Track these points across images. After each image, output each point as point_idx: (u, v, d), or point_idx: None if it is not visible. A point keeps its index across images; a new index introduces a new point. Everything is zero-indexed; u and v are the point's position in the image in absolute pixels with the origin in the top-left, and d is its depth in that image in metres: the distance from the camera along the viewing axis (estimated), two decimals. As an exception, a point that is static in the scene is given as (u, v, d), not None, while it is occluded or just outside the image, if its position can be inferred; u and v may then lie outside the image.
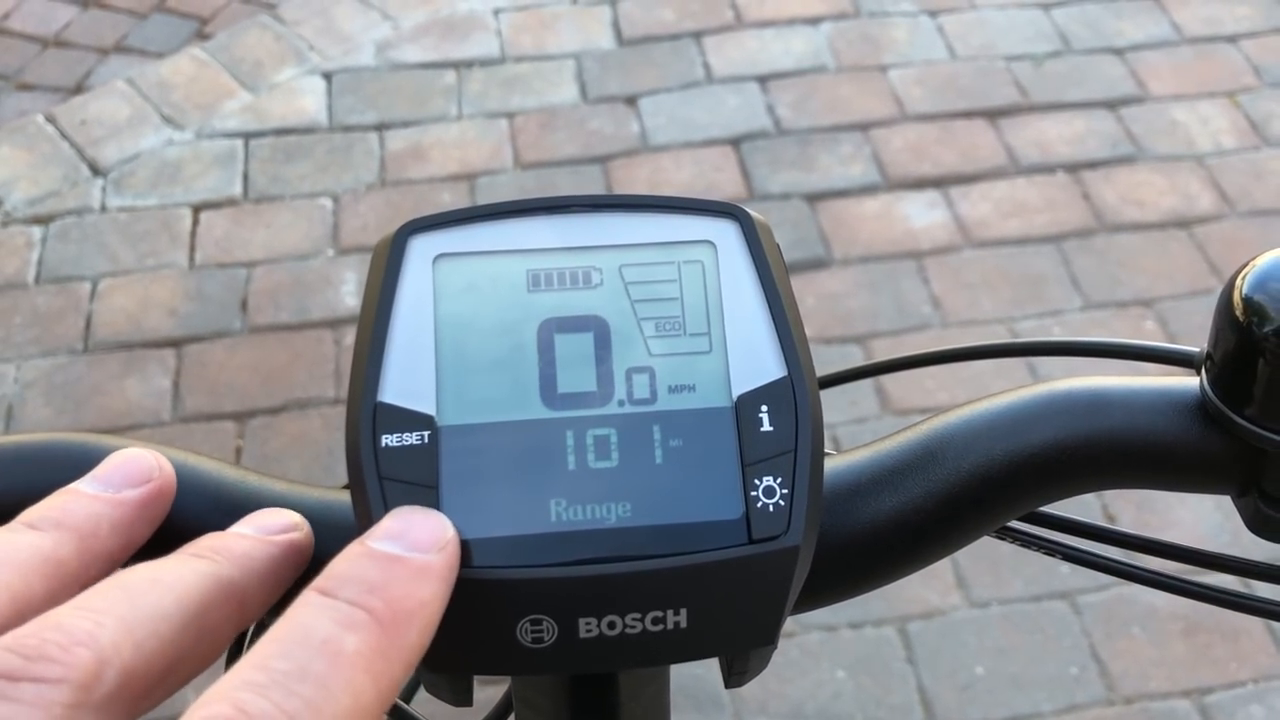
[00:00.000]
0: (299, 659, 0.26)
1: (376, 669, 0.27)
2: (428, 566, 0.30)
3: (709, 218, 0.37)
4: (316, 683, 0.26)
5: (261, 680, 0.26)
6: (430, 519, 0.31)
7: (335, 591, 0.28)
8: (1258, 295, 0.39)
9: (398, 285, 0.36)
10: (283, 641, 0.27)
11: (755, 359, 0.35)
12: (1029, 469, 0.40)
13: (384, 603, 0.28)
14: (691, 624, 0.34)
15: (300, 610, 0.28)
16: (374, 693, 0.27)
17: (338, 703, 0.26)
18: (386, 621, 0.28)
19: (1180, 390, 0.41)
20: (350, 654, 0.27)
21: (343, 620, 0.27)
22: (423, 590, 0.29)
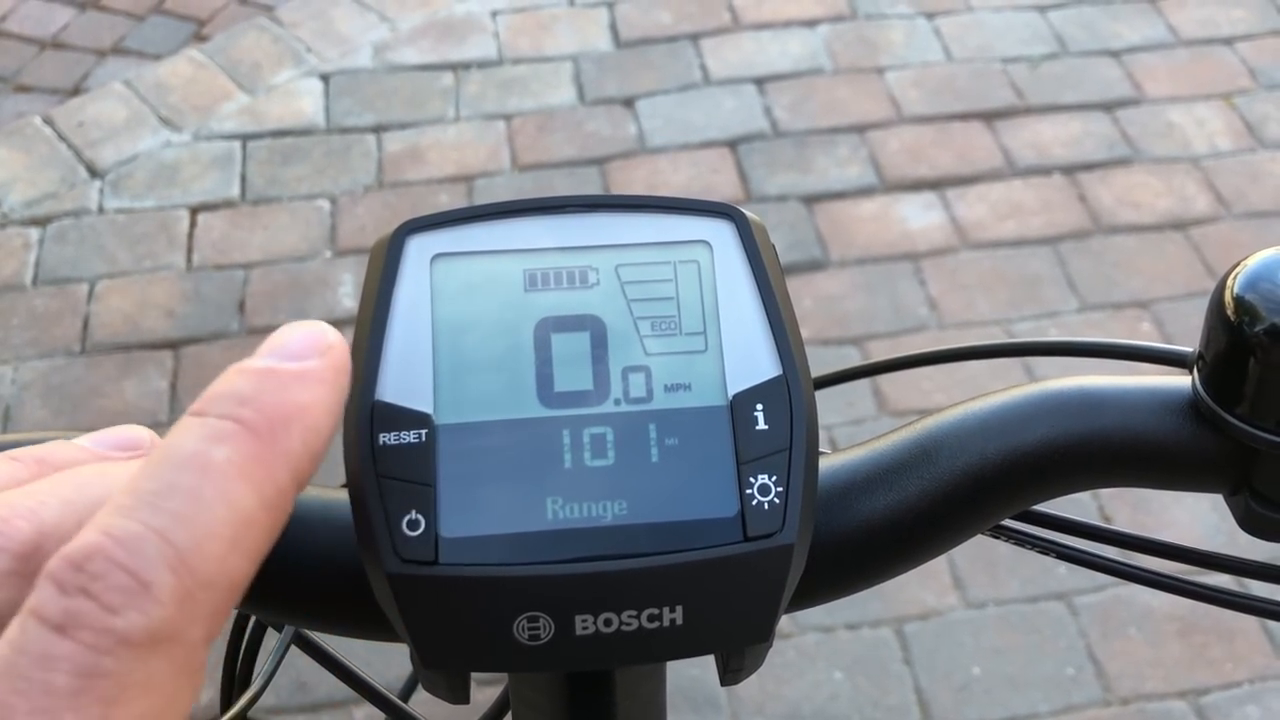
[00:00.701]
0: (164, 478, 0.25)
1: (255, 477, 0.26)
2: (304, 372, 0.29)
3: (705, 218, 0.37)
4: (185, 495, 0.25)
5: (128, 503, 0.25)
6: (308, 328, 0.30)
7: (205, 410, 0.27)
8: (1249, 295, 0.39)
9: (395, 285, 0.36)
10: (150, 464, 0.26)
11: (750, 358, 0.35)
12: (1022, 468, 0.40)
13: (255, 411, 0.27)
14: (687, 621, 0.34)
15: (171, 434, 0.27)
16: (255, 500, 0.26)
17: (211, 512, 0.25)
18: (261, 429, 0.27)
19: (1172, 389, 0.41)
20: (220, 463, 0.26)
21: (210, 434, 0.27)
22: (300, 395, 0.28)
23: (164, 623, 0.23)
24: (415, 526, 0.33)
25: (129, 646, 0.23)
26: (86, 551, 0.24)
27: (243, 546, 0.25)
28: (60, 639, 0.23)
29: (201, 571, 0.24)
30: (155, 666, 0.23)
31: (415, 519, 0.33)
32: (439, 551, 0.33)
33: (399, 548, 0.33)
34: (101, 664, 0.22)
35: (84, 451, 0.32)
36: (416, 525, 0.33)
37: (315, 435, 0.28)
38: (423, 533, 0.33)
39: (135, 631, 0.23)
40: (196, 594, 0.24)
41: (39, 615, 0.23)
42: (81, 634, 0.23)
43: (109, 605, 0.23)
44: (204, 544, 0.24)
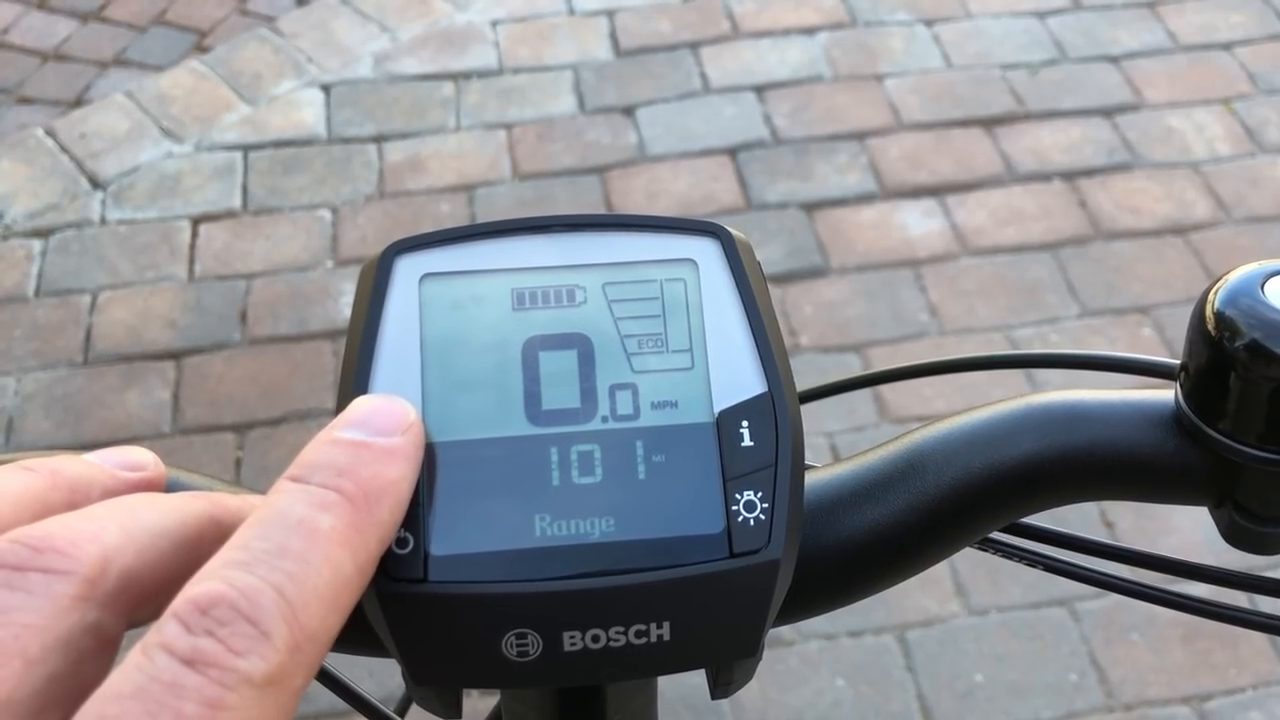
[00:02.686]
0: (278, 538, 0.28)
1: (353, 544, 0.29)
2: (393, 449, 0.32)
3: (691, 236, 0.38)
4: (296, 558, 0.28)
5: (245, 558, 0.27)
6: (391, 404, 0.33)
7: (306, 477, 0.30)
8: (1229, 310, 0.39)
9: (384, 304, 0.36)
10: (262, 524, 0.29)
11: (736, 375, 0.36)
12: (1007, 482, 0.40)
13: (354, 484, 0.30)
14: (674, 637, 0.34)
15: (275, 497, 0.30)
16: (352, 566, 0.29)
17: (318, 575, 0.28)
18: (358, 501, 0.30)
19: (1156, 403, 0.41)
20: (326, 531, 0.29)
21: (316, 501, 0.29)
22: (390, 470, 0.31)
23: (279, 668, 0.26)
24: (404, 544, 0.34)
25: (250, 686, 0.26)
26: (212, 598, 0.26)
27: (339, 606, 0.28)
28: (190, 672, 0.25)
29: (309, 626, 0.27)
30: (267, 706, 0.26)
31: (404, 537, 0.34)
32: (428, 569, 0.33)
33: (388, 566, 0.33)
34: (226, 698, 0.25)
35: (94, 468, 0.34)
36: (405, 543, 0.34)
37: (400, 507, 0.31)
38: (412, 550, 0.34)
39: (256, 674, 0.26)
40: (304, 645, 0.27)
41: (169, 649, 0.25)
42: (209, 670, 0.25)
43: (234, 649, 0.26)
44: (312, 602, 0.27)
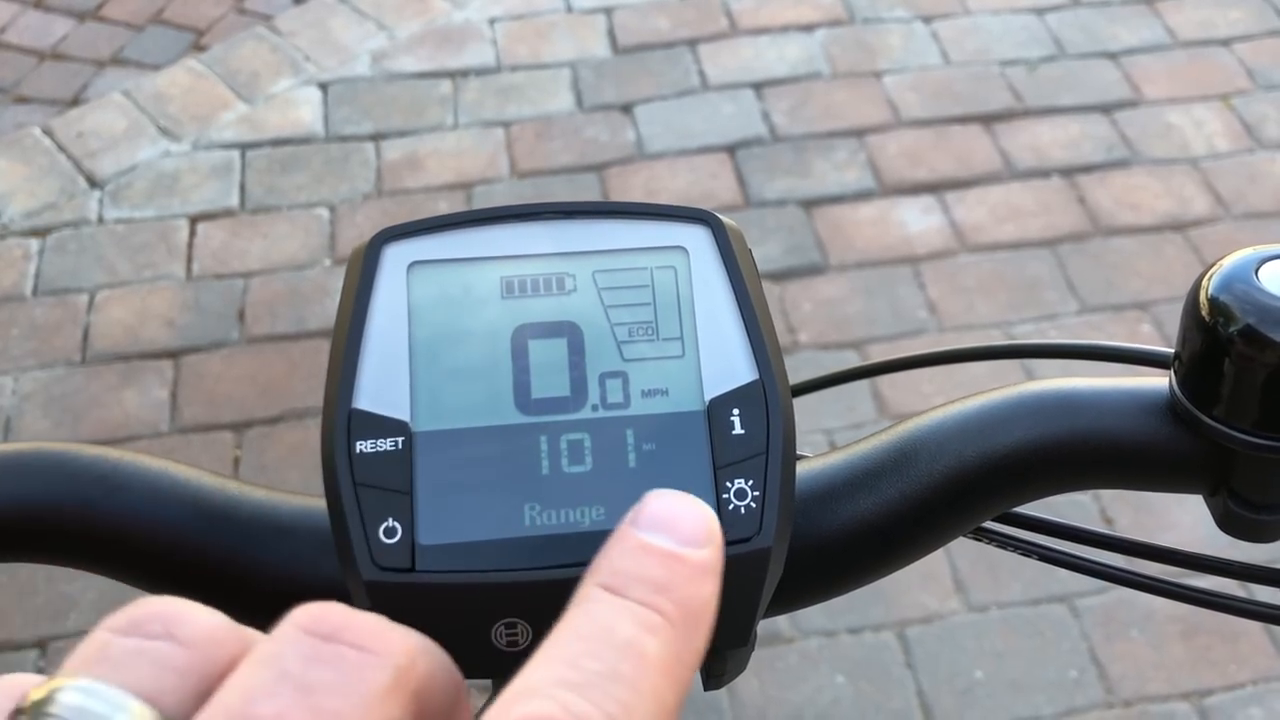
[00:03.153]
0: (608, 660, 0.26)
1: (675, 674, 0.27)
2: (705, 565, 0.29)
3: (681, 223, 0.37)
4: (628, 685, 0.26)
5: (576, 679, 0.26)
6: (695, 509, 0.30)
7: (624, 590, 0.28)
8: (1223, 296, 0.39)
9: (372, 293, 0.36)
10: (588, 641, 0.27)
11: (727, 363, 0.36)
12: (1001, 471, 0.40)
13: (673, 604, 0.28)
14: None
15: (595, 607, 0.28)
16: (674, 696, 0.27)
17: (646, 705, 0.26)
18: (678, 624, 0.28)
19: (1149, 391, 0.41)
20: (652, 657, 0.27)
21: (641, 622, 0.27)
22: (705, 589, 0.29)
23: None
24: (392, 534, 0.33)
25: None
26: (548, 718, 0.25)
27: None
28: None
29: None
30: None
31: (392, 526, 0.33)
32: (416, 558, 0.33)
33: (376, 555, 0.33)
34: None
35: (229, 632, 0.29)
36: (394, 532, 0.33)
37: (710, 629, 0.29)
38: (400, 540, 0.33)
39: None
40: None
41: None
42: None
43: None
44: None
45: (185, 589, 0.40)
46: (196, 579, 0.39)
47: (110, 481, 0.39)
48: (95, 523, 0.39)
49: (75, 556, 0.40)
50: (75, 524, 0.39)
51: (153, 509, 0.39)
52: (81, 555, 0.40)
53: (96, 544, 0.39)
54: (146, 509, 0.39)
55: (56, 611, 1.71)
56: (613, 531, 0.30)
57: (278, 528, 0.39)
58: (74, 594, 1.72)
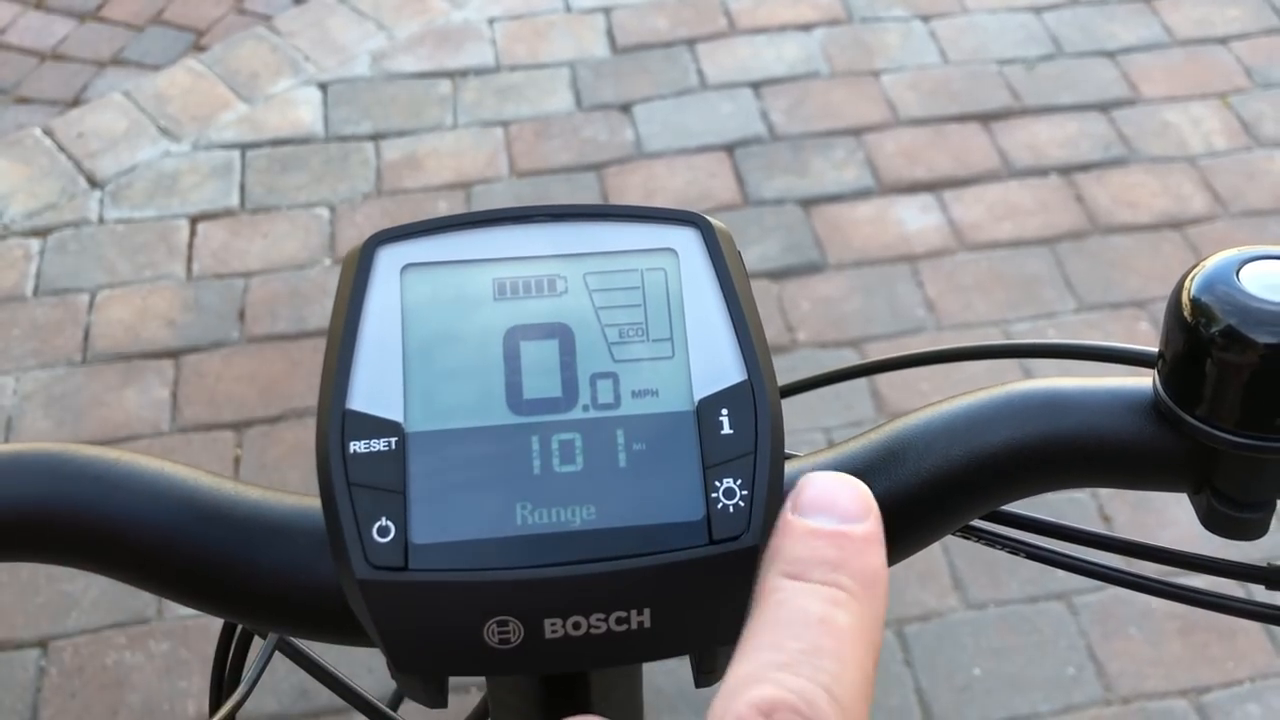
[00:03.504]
0: (808, 639, 0.29)
1: (868, 638, 0.29)
2: (870, 535, 0.32)
3: (671, 226, 0.38)
4: (831, 656, 0.28)
5: (785, 660, 0.28)
6: (849, 487, 0.33)
7: (805, 574, 0.30)
8: (1205, 297, 0.39)
9: (366, 295, 0.37)
10: (786, 625, 0.29)
11: (716, 363, 0.36)
12: (987, 470, 0.41)
13: (851, 577, 0.30)
14: (655, 624, 0.35)
15: (782, 595, 0.30)
16: (871, 661, 0.29)
17: (851, 671, 0.28)
18: (860, 594, 0.30)
19: (1134, 390, 0.41)
20: (845, 628, 0.29)
21: (828, 599, 0.30)
22: (875, 558, 0.31)
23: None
24: (386, 533, 0.34)
25: None
26: (772, 703, 0.27)
27: (869, 699, 0.29)
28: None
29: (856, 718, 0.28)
30: None
31: (386, 525, 0.34)
32: (409, 557, 0.34)
33: (369, 554, 0.34)
34: None
35: None
36: (387, 531, 0.34)
37: (887, 592, 0.31)
38: (393, 539, 0.34)
39: None
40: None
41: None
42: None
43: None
44: (856, 700, 0.28)
45: (181, 589, 0.40)
46: (192, 578, 0.40)
47: (106, 481, 0.40)
48: (91, 522, 0.40)
49: (71, 556, 0.41)
50: (71, 524, 0.40)
51: (149, 509, 0.40)
52: (78, 555, 0.40)
53: (93, 544, 0.40)
54: (142, 509, 0.40)
55: (58, 610, 1.71)
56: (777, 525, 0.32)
57: (274, 527, 0.39)
58: (75, 593, 1.72)
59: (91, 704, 1.63)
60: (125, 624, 1.69)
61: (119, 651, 1.67)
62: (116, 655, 1.67)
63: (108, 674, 1.65)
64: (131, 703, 1.63)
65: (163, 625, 1.69)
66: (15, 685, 1.64)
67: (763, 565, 0.32)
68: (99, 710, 1.62)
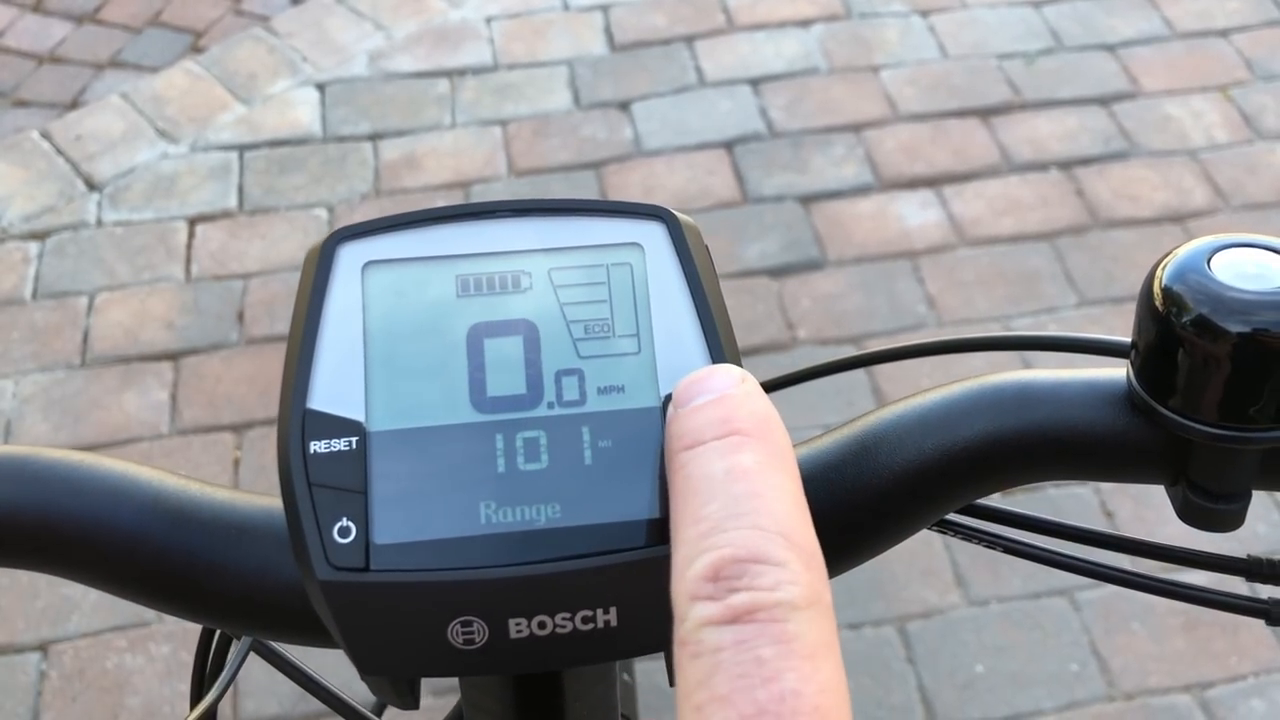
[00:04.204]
0: (721, 494, 0.28)
1: (778, 463, 0.29)
2: (748, 390, 0.31)
3: (636, 220, 0.37)
4: (749, 497, 0.28)
5: (709, 526, 0.28)
6: (713, 370, 0.33)
7: (698, 438, 0.30)
8: (1176, 286, 0.39)
9: (326, 293, 0.36)
10: (696, 492, 0.29)
11: (682, 359, 0.36)
12: (961, 463, 0.40)
13: (743, 421, 0.30)
14: (622, 622, 0.34)
15: (685, 469, 0.30)
16: (791, 482, 0.29)
17: (778, 500, 0.28)
18: (756, 433, 0.30)
19: (1107, 382, 0.41)
20: (753, 465, 0.29)
21: (726, 449, 0.29)
22: (760, 403, 0.31)
23: (809, 587, 0.27)
24: (347, 533, 0.33)
25: (797, 610, 0.26)
26: (714, 564, 0.27)
27: (807, 516, 0.28)
28: (743, 625, 0.26)
29: (805, 543, 0.27)
30: (821, 624, 0.26)
31: (346, 526, 0.34)
32: (370, 558, 0.33)
33: (330, 555, 0.33)
34: (788, 629, 0.26)
35: None
36: (348, 532, 0.33)
37: (785, 431, 0.31)
38: (354, 539, 0.33)
39: (797, 598, 0.26)
40: (811, 559, 0.27)
41: (711, 621, 0.26)
42: (758, 614, 0.26)
43: (764, 586, 0.26)
44: (792, 522, 0.28)
45: (147, 591, 0.40)
46: (158, 581, 0.39)
47: (70, 484, 0.39)
48: (56, 526, 0.39)
49: (36, 560, 0.40)
50: (35, 527, 0.39)
51: (113, 511, 0.39)
52: (42, 559, 0.40)
53: (57, 547, 0.39)
54: (107, 511, 0.39)
55: (58, 614, 1.71)
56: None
57: (240, 528, 0.39)
58: (75, 597, 1.72)
59: (92, 707, 1.63)
60: (125, 627, 1.69)
61: (119, 655, 1.67)
62: (117, 658, 1.67)
63: (108, 677, 1.65)
64: (132, 706, 1.63)
65: (163, 628, 1.69)
66: (16, 689, 1.64)
67: (665, 460, 0.31)
68: (100, 713, 1.62)
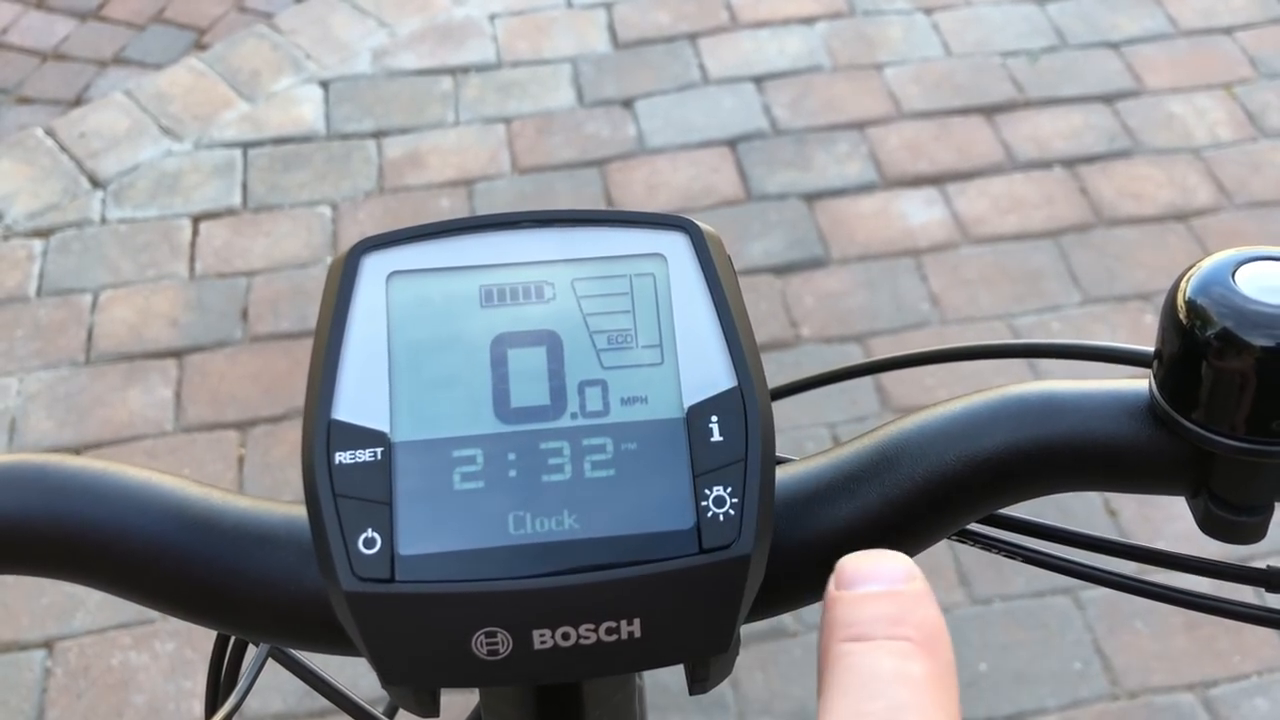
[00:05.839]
0: (888, 695, 0.28)
1: (944, 685, 0.29)
2: (923, 591, 0.31)
3: (660, 231, 0.37)
4: (915, 710, 0.27)
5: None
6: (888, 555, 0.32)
7: (868, 634, 0.30)
8: (1200, 299, 0.39)
9: (351, 303, 0.36)
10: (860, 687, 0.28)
11: (706, 370, 0.36)
12: (983, 474, 0.40)
13: (914, 628, 0.30)
14: (645, 633, 0.34)
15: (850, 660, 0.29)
16: (952, 703, 0.28)
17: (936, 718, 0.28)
18: (924, 645, 0.29)
19: (1130, 393, 0.41)
20: (919, 677, 0.28)
21: (896, 653, 0.29)
22: (932, 610, 0.31)
23: None
24: (372, 544, 0.33)
25: None
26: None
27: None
28: None
29: None
30: None
31: (372, 537, 0.34)
32: (395, 569, 0.33)
33: (356, 566, 0.33)
34: None
35: None
36: (373, 543, 0.34)
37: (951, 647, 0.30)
38: (379, 550, 0.33)
39: None
40: None
41: None
42: None
43: None
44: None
45: (169, 600, 0.40)
46: (180, 590, 0.39)
47: (92, 493, 0.39)
48: (78, 534, 0.39)
49: (58, 568, 0.40)
50: (57, 536, 0.39)
51: (135, 520, 0.39)
52: (64, 567, 0.40)
53: (79, 556, 0.39)
54: (129, 520, 0.39)
55: (63, 612, 1.71)
56: None
57: (261, 537, 0.39)
58: (80, 594, 1.72)
59: (97, 704, 1.63)
60: (130, 624, 1.69)
61: (124, 652, 1.67)
62: (122, 655, 1.67)
63: (113, 674, 1.65)
64: (137, 703, 1.63)
65: (168, 626, 1.70)
66: (21, 686, 1.65)
67: (821, 641, 0.31)
68: (104, 711, 1.62)
